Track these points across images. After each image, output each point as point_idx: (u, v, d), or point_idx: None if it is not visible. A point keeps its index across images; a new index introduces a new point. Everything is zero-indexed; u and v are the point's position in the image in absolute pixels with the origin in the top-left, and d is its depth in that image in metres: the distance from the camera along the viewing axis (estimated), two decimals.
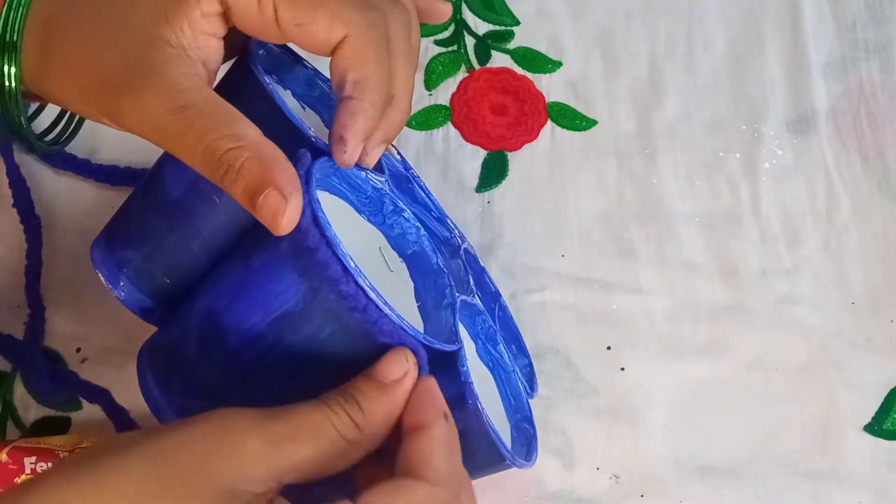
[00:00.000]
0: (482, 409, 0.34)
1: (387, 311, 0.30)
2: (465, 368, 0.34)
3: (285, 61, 0.39)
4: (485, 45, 0.56)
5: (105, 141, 0.52)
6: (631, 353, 0.48)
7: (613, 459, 0.46)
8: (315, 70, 0.41)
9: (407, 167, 0.45)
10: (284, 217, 0.29)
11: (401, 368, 0.31)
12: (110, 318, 0.48)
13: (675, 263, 0.51)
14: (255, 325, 0.32)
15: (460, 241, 0.45)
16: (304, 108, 0.41)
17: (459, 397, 0.34)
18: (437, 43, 0.56)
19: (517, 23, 0.57)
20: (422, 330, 0.36)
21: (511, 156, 0.54)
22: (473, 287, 0.42)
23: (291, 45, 0.39)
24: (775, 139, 0.54)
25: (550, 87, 0.55)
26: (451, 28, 0.57)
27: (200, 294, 0.34)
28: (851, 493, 0.45)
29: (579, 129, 0.54)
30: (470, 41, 0.56)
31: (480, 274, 0.47)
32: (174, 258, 0.36)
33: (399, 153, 0.46)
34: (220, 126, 0.30)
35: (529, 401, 0.43)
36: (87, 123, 0.52)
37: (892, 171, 0.53)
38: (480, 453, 0.35)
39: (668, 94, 0.55)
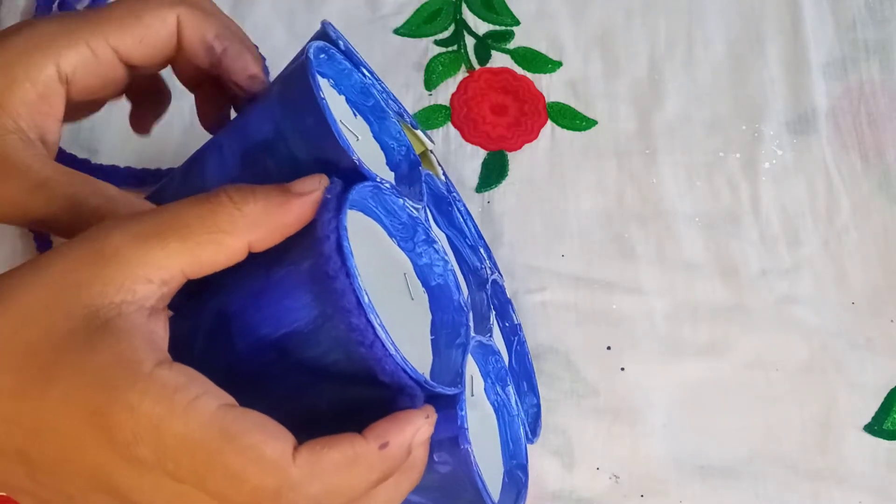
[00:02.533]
0: (473, 456, 0.34)
1: (392, 351, 0.30)
2: (462, 413, 0.34)
3: (344, 67, 0.39)
4: (485, 45, 0.56)
5: (105, 142, 0.52)
6: (631, 353, 0.48)
7: (613, 459, 0.46)
8: (374, 80, 0.41)
9: (451, 189, 0.45)
10: None
11: (311, 185, 0.31)
12: None
13: (675, 263, 0.51)
14: (263, 337, 0.32)
15: (489, 273, 0.44)
16: (355, 116, 0.41)
17: (453, 440, 0.34)
18: (437, 43, 0.56)
19: (517, 23, 0.57)
20: (430, 364, 0.36)
21: (511, 156, 0.54)
22: (492, 324, 0.42)
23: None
24: (775, 139, 0.54)
25: (550, 87, 0.55)
26: (451, 28, 0.57)
27: (216, 292, 0.34)
28: (851, 493, 0.45)
29: (579, 129, 0.54)
30: (470, 41, 0.56)
31: (505, 305, 0.47)
32: None
33: (445, 174, 0.46)
34: (83, 187, 0.33)
35: (528, 446, 0.43)
36: (87, 121, 0.52)
37: (892, 171, 0.53)
38: (464, 497, 0.35)
39: (668, 94, 0.55)
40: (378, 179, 0.35)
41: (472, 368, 0.41)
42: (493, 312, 0.45)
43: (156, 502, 0.28)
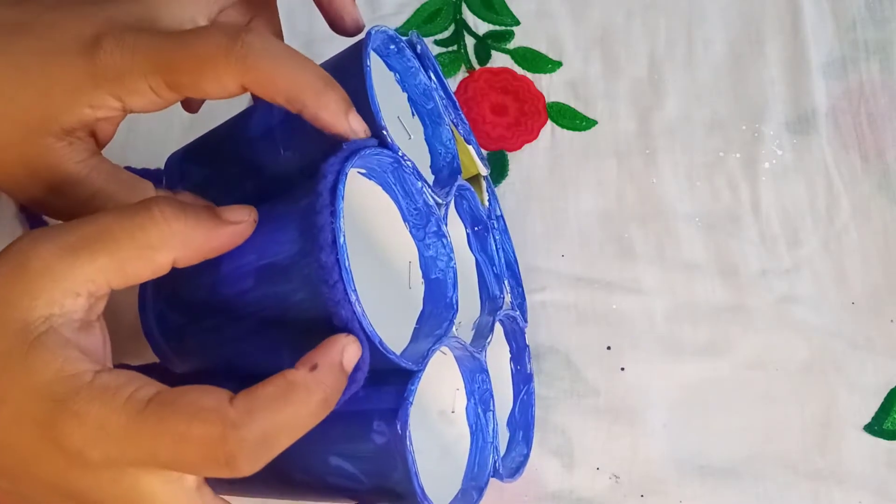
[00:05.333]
0: (409, 431, 0.34)
1: (352, 298, 0.30)
2: (413, 388, 0.34)
3: (412, 65, 0.41)
4: (485, 45, 0.56)
5: None
6: (631, 353, 0.48)
7: (613, 459, 0.46)
8: (438, 85, 0.42)
9: (491, 216, 0.46)
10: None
11: (241, 216, 0.31)
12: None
13: (675, 263, 0.51)
14: (246, 264, 0.32)
15: (509, 308, 0.45)
16: (413, 115, 0.42)
17: (393, 412, 0.34)
18: (437, 43, 0.56)
19: (517, 23, 0.57)
20: (402, 347, 0.36)
21: (511, 156, 0.54)
22: (487, 344, 0.42)
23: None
24: (775, 139, 0.54)
25: (550, 87, 0.55)
26: (451, 28, 0.57)
27: None
28: (851, 493, 0.45)
29: (579, 129, 0.54)
30: (470, 41, 0.56)
31: (522, 350, 0.47)
32: (228, 187, 0.38)
33: (491, 201, 0.47)
34: (127, 199, 0.33)
35: (521, 456, 0.44)
36: None
37: (892, 171, 0.53)
38: (394, 477, 0.34)
39: (668, 94, 0.55)
40: (400, 154, 0.35)
41: (458, 383, 0.41)
42: (511, 350, 0.46)
43: (116, 495, 0.28)
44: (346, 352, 0.30)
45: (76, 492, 0.28)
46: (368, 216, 0.37)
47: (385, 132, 0.35)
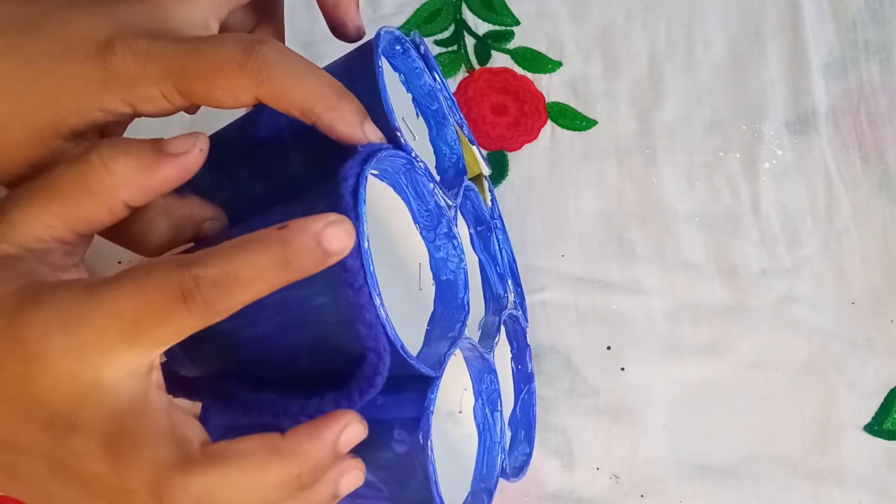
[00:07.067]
0: (430, 441, 0.34)
1: (377, 301, 0.30)
2: (433, 396, 0.34)
3: (417, 66, 0.41)
4: (485, 45, 0.56)
5: None
6: (631, 353, 0.49)
7: (613, 459, 0.46)
8: (443, 86, 0.42)
9: (493, 216, 0.46)
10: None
11: (185, 145, 0.30)
12: None
13: (675, 263, 0.51)
14: None
15: (512, 308, 0.45)
16: (417, 116, 0.42)
17: (415, 421, 0.34)
18: (437, 43, 0.56)
19: (517, 23, 0.57)
20: (416, 349, 0.36)
21: (511, 156, 0.54)
22: (495, 345, 0.42)
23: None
24: (775, 139, 0.54)
25: (550, 87, 0.55)
26: (451, 28, 0.57)
27: (240, 224, 0.35)
28: (851, 493, 0.45)
29: (579, 129, 0.54)
30: (470, 41, 0.56)
31: (523, 350, 0.47)
32: (236, 189, 0.38)
33: (494, 202, 0.47)
34: None
35: (509, 481, 0.43)
36: None
37: (892, 171, 0.53)
38: (413, 485, 0.34)
39: (668, 94, 0.55)
40: (413, 155, 0.35)
41: (466, 383, 0.41)
42: (513, 349, 0.46)
43: (76, 392, 0.27)
44: (329, 229, 0.27)
45: (36, 401, 0.27)
46: (379, 217, 0.37)
47: (399, 133, 0.35)
